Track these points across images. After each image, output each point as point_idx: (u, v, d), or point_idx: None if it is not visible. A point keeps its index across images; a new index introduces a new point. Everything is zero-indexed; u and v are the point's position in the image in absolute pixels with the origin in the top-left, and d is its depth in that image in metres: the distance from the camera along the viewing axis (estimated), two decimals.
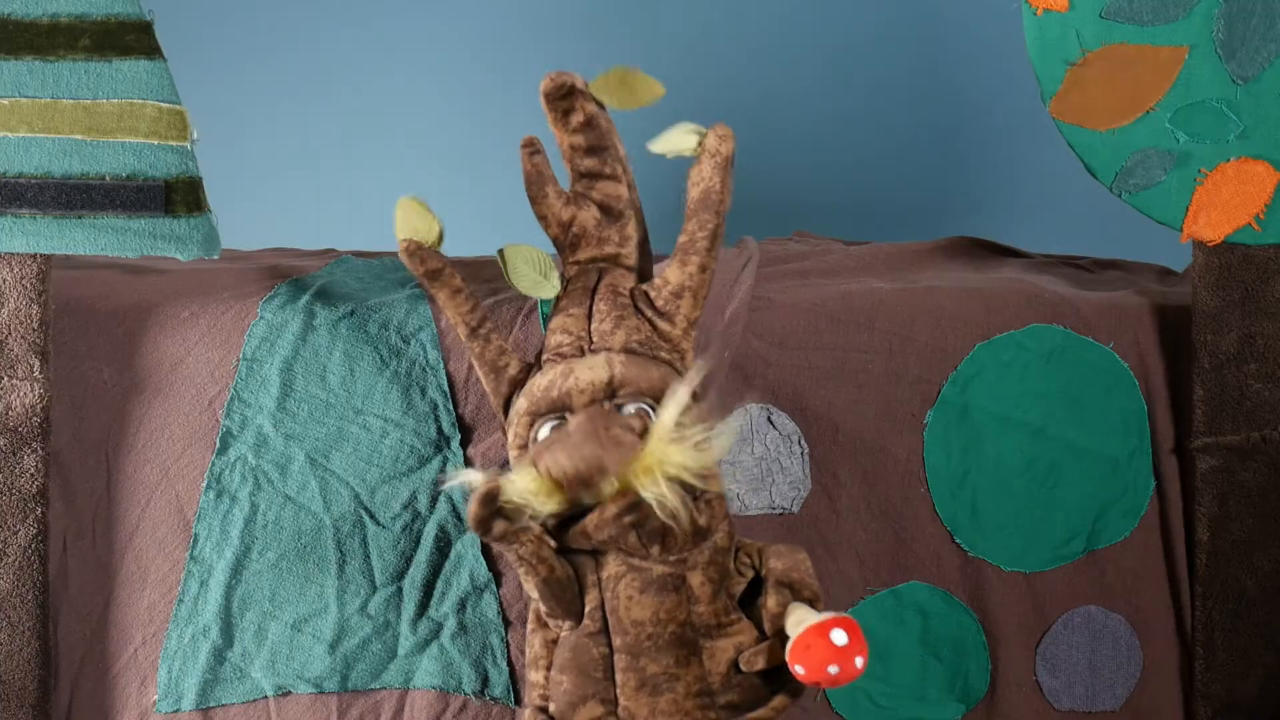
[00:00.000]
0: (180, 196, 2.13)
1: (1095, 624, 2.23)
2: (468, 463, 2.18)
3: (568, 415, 1.91)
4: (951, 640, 2.22)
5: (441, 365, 2.20)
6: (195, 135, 2.14)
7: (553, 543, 1.92)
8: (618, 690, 1.91)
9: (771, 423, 2.19)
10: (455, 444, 2.19)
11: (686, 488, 1.86)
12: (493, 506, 1.86)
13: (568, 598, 1.93)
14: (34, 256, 2.13)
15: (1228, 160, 2.19)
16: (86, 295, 2.24)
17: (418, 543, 2.18)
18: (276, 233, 3.05)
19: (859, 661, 1.83)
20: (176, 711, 2.17)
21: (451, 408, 2.20)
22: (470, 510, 1.87)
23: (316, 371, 2.20)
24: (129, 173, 2.12)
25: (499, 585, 2.19)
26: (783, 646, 1.87)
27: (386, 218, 3.33)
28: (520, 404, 1.95)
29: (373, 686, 2.18)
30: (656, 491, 1.83)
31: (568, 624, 1.94)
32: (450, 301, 2.01)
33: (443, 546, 2.18)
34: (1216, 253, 2.21)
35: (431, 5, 3.33)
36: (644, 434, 1.88)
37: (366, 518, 2.18)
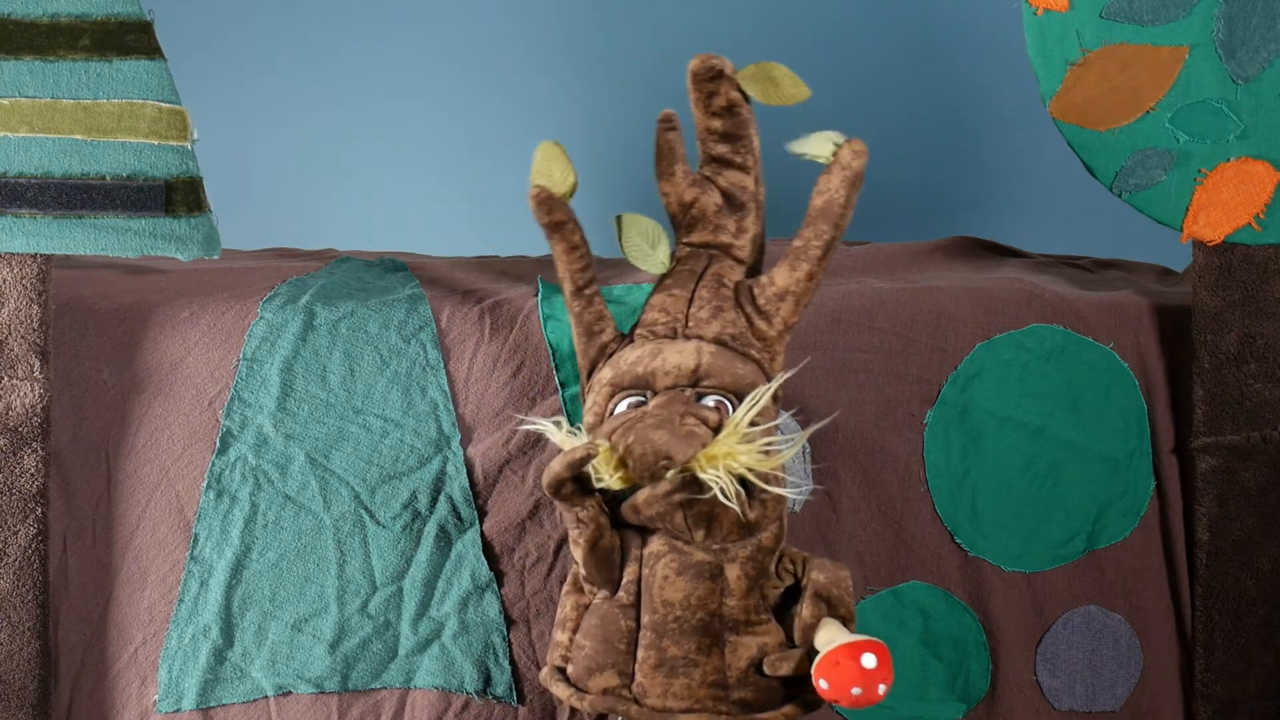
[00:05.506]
0: (180, 196, 2.13)
1: (1095, 624, 2.23)
2: (468, 463, 2.19)
3: (648, 394, 1.93)
4: (952, 640, 2.22)
5: (441, 365, 2.20)
6: (195, 135, 2.15)
7: (607, 511, 1.94)
8: (636, 665, 1.92)
9: None
10: (455, 444, 2.19)
11: (746, 485, 1.87)
12: (577, 470, 1.88)
13: (609, 566, 1.94)
14: (34, 256, 2.13)
15: (1228, 160, 2.19)
16: (86, 295, 2.24)
17: (418, 542, 2.18)
18: (276, 233, 3.05)
19: (882, 688, 1.84)
20: (177, 711, 2.17)
21: (451, 408, 2.20)
22: (554, 467, 1.88)
23: (316, 371, 2.20)
24: (129, 173, 2.12)
25: (500, 585, 2.19)
26: (810, 657, 1.88)
27: (386, 218, 3.33)
28: (604, 373, 1.97)
29: (373, 686, 2.18)
30: (715, 477, 1.84)
31: (603, 593, 1.96)
32: (566, 256, 2.01)
33: (443, 546, 2.18)
34: (1216, 253, 2.21)
35: (431, 7, 3.33)
36: (718, 428, 1.89)
37: (366, 518, 2.18)
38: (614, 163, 3.02)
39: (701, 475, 1.85)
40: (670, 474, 1.86)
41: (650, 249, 2.02)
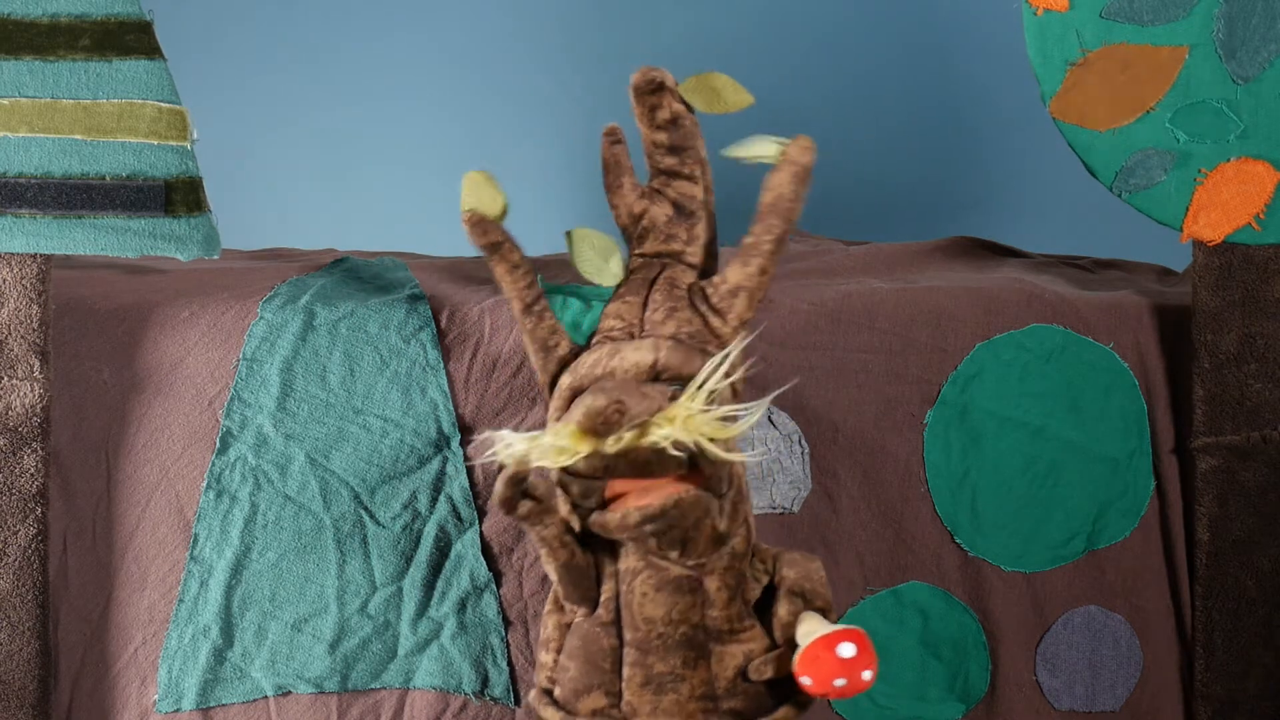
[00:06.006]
0: (180, 196, 2.13)
1: (1095, 624, 2.23)
2: (468, 463, 2.19)
3: None
4: (951, 640, 2.22)
5: (441, 365, 2.20)
6: (195, 135, 2.15)
7: (576, 527, 1.92)
8: (623, 684, 1.91)
9: (771, 423, 2.19)
10: (455, 444, 2.19)
11: (704, 451, 1.85)
12: (519, 488, 1.87)
13: (584, 584, 1.93)
14: (34, 256, 2.13)
15: (1228, 160, 2.19)
16: (86, 295, 2.24)
17: (418, 543, 2.18)
18: (276, 233, 3.05)
19: (866, 675, 1.83)
20: (176, 711, 2.17)
21: (451, 408, 2.20)
22: (496, 490, 1.87)
23: (316, 371, 2.20)
24: (129, 173, 2.12)
25: (499, 585, 2.19)
26: (792, 656, 1.87)
27: (386, 218, 3.34)
28: (565, 380, 1.96)
29: (373, 686, 2.18)
30: (670, 436, 1.83)
31: (582, 610, 1.95)
32: (508, 276, 2.00)
33: (443, 546, 2.18)
34: (1216, 253, 2.21)
35: (431, 7, 3.33)
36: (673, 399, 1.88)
37: (366, 518, 2.18)
38: None
39: (657, 436, 1.82)
40: (627, 432, 1.84)
41: (603, 262, 2.02)
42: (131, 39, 2.11)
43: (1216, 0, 2.16)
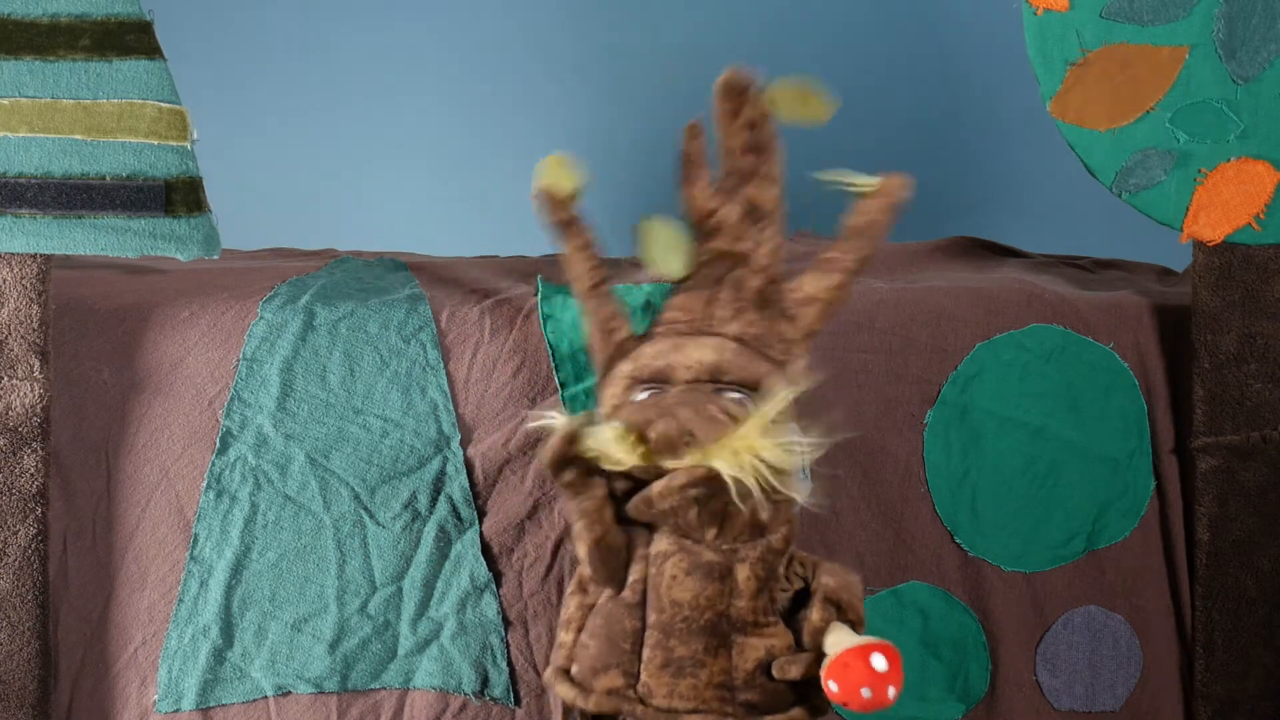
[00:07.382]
0: (180, 196, 2.13)
1: (1095, 624, 2.23)
2: (468, 463, 2.19)
3: (666, 388, 1.93)
4: (951, 640, 2.22)
5: (441, 365, 2.20)
6: (195, 135, 2.15)
7: (613, 507, 1.93)
8: (642, 665, 1.92)
9: None
10: (455, 444, 2.19)
11: (761, 485, 1.86)
12: (575, 445, 1.87)
13: (614, 564, 1.94)
14: (34, 256, 2.13)
15: (1228, 160, 2.19)
16: (86, 295, 2.24)
17: (418, 543, 2.18)
18: (276, 233, 3.05)
19: (892, 691, 1.83)
20: (176, 711, 2.17)
21: (451, 408, 2.20)
22: (551, 445, 1.87)
23: (316, 371, 2.20)
24: (129, 173, 2.12)
25: (499, 585, 2.19)
26: (819, 661, 1.88)
27: (386, 218, 3.33)
28: (624, 367, 1.97)
29: (373, 686, 2.18)
30: (735, 471, 1.84)
31: (608, 591, 1.95)
32: (578, 255, 2.01)
33: (443, 546, 2.18)
34: (1216, 253, 2.21)
35: (431, 7, 3.33)
36: (739, 421, 1.88)
37: (366, 518, 2.18)
38: (617, 163, 3.02)
39: (719, 467, 1.85)
40: (690, 455, 1.85)
41: (671, 253, 2.03)
42: (131, 39, 2.11)
43: (1216, 0, 2.16)
